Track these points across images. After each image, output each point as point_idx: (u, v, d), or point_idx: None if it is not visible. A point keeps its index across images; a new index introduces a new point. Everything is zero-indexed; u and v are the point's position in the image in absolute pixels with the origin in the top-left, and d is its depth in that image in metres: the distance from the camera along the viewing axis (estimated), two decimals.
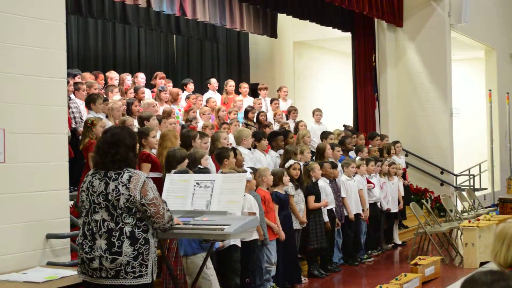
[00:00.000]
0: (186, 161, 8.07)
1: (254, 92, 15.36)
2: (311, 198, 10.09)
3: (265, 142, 10.87)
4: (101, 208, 4.93)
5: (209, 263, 7.09)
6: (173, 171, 7.63)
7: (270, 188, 9.13)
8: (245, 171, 8.08)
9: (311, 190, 10.16)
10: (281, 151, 10.81)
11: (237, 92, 14.48)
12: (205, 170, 7.80)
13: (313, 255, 10.24)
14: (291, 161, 9.90)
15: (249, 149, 10.57)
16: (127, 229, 4.88)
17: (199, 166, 8.00)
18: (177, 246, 7.28)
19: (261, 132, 11.43)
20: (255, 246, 8.37)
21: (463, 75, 22.52)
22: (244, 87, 14.53)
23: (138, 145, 5.43)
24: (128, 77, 12.56)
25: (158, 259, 5.15)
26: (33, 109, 6.33)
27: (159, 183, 7.02)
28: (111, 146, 5.01)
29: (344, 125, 14.54)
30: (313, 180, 10.26)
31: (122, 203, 4.88)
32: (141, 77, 12.72)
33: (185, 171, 7.44)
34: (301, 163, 10.40)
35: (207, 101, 13.11)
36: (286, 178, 9.33)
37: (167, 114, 10.93)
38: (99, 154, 5.05)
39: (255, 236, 8.19)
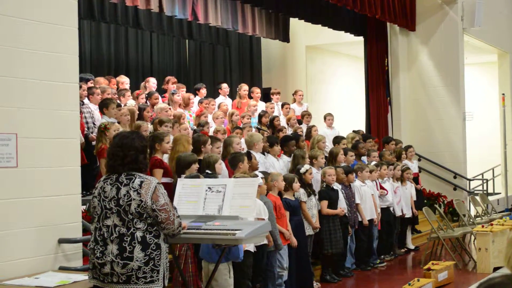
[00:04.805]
0: (195, 166, 8.06)
1: (266, 96, 15.36)
2: (324, 203, 10.06)
3: (277, 147, 10.85)
4: (112, 214, 4.93)
5: (232, 272, 7.11)
6: (183, 175, 7.63)
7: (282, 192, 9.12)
8: (256, 176, 8.06)
9: (324, 195, 10.12)
10: None
11: (249, 96, 14.48)
12: (213, 175, 7.80)
13: (328, 260, 10.20)
14: (306, 166, 9.87)
15: (263, 153, 10.56)
16: (139, 234, 4.88)
17: (207, 171, 8.00)
18: (186, 253, 7.28)
19: (274, 137, 11.41)
20: (265, 251, 8.34)
21: (476, 79, 22.43)
22: (257, 91, 14.53)
23: (149, 149, 5.43)
24: (152, 81, 12.63)
25: (169, 264, 5.15)
26: (45, 114, 6.35)
27: (170, 189, 7.03)
28: (120, 149, 5.02)
29: (354, 131, 14.47)
30: (324, 185, 10.23)
31: (133, 209, 4.88)
32: (153, 82, 12.71)
33: (196, 175, 7.44)
34: (314, 169, 10.39)
35: (218, 106, 13.11)
36: (296, 185, 9.28)
37: (177, 119, 10.91)
38: (109, 157, 5.08)
39: (265, 241, 8.16)
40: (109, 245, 4.88)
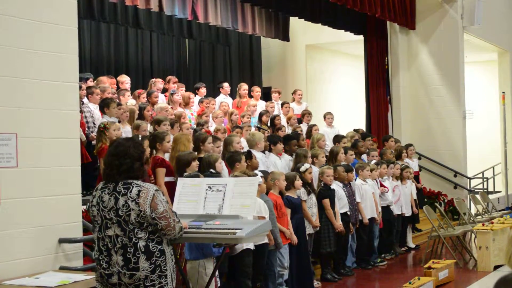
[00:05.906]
0: (195, 164, 8.05)
1: (266, 95, 15.35)
2: (326, 201, 10.05)
3: (280, 145, 10.85)
4: (113, 224, 4.88)
5: (209, 269, 7.06)
6: (184, 174, 7.62)
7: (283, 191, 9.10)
8: (256, 175, 8.05)
9: (324, 193, 10.12)
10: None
11: (250, 95, 14.47)
12: (216, 175, 7.78)
13: (327, 258, 10.21)
14: (306, 165, 9.87)
15: (263, 152, 10.56)
16: (141, 244, 4.83)
17: (211, 170, 7.98)
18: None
19: (277, 136, 11.42)
20: (265, 250, 8.33)
21: (476, 78, 22.42)
22: (257, 90, 14.52)
23: (149, 150, 5.40)
24: (158, 86, 12.60)
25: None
26: (45, 113, 6.34)
27: (173, 187, 7.02)
28: (115, 157, 4.99)
29: (355, 130, 14.48)
30: (322, 184, 10.23)
31: (133, 219, 4.83)
32: (158, 87, 12.64)
33: (196, 175, 7.43)
34: (315, 167, 10.38)
35: (219, 105, 13.11)
36: (298, 183, 9.29)
37: (178, 118, 10.91)
38: (105, 166, 5.05)
39: (266, 240, 8.15)
40: (113, 256, 4.84)
